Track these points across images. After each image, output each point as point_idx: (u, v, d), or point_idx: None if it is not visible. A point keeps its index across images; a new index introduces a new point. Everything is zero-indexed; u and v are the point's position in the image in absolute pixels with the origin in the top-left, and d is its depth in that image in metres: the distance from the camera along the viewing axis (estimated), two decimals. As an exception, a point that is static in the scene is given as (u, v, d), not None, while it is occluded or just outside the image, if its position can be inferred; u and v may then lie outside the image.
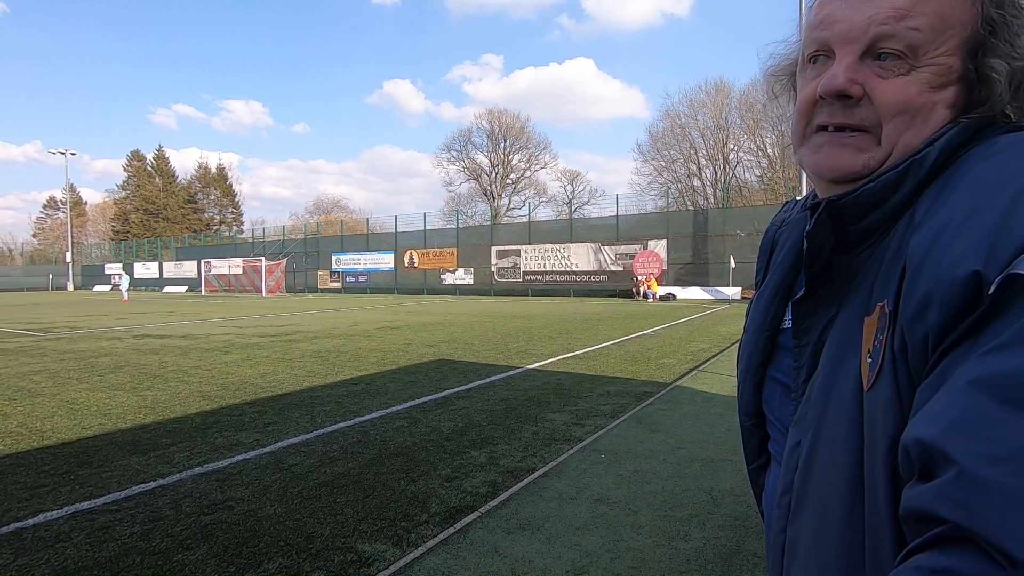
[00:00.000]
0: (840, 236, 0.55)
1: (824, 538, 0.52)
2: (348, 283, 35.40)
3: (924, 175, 0.52)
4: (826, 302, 0.58)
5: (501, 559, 2.42)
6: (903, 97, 0.53)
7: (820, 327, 0.58)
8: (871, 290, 0.52)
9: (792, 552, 0.57)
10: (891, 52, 0.53)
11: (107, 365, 7.45)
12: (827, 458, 0.53)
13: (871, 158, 0.55)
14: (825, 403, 0.54)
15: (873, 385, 0.48)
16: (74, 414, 4.89)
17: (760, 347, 0.70)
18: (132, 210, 60.90)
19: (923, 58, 0.53)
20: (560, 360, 7.63)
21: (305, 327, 12.51)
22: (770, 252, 0.76)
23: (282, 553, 2.47)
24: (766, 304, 0.71)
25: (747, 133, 37.23)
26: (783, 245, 0.73)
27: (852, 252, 0.56)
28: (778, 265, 0.72)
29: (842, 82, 0.55)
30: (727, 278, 22.62)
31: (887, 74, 0.54)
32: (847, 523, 0.50)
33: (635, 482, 3.27)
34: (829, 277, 0.57)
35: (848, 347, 0.53)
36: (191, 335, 11.04)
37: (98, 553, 2.48)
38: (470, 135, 50.77)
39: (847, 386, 0.52)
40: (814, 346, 0.58)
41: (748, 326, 0.74)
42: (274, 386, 5.99)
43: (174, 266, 45.43)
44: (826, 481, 0.52)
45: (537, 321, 13.52)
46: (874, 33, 0.54)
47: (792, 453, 0.58)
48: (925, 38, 0.53)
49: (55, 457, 3.76)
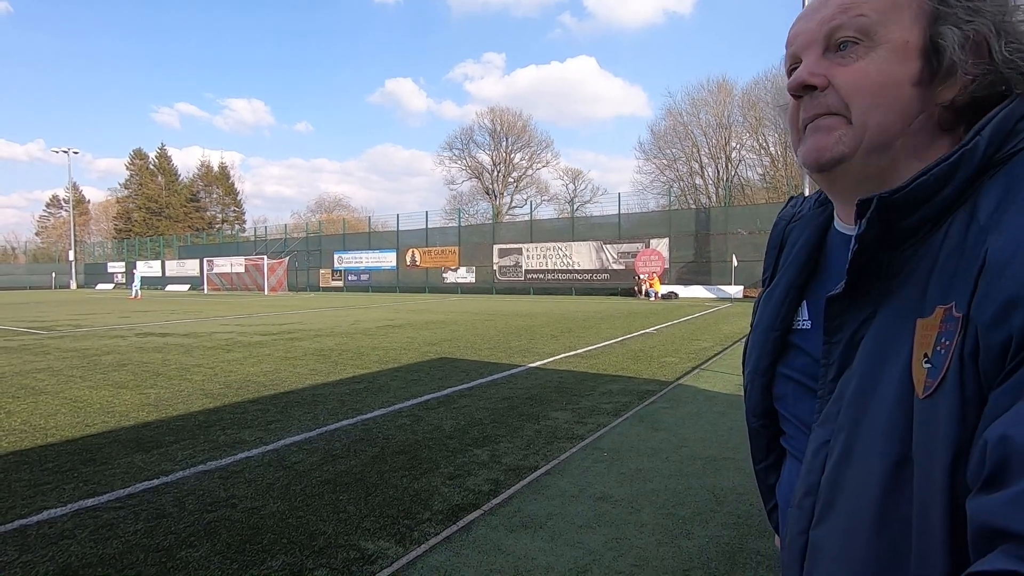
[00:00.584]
0: (885, 233, 0.53)
1: (852, 545, 0.51)
2: (350, 282, 35.43)
3: (977, 165, 0.50)
4: (861, 300, 0.56)
5: (504, 557, 2.43)
6: (861, 78, 0.55)
7: (854, 325, 0.56)
8: (924, 290, 0.50)
9: (815, 557, 0.55)
10: (848, 39, 0.56)
11: (110, 363, 7.47)
12: (862, 464, 0.51)
13: (842, 135, 0.57)
14: (862, 406, 0.52)
15: (933, 392, 0.46)
16: (77, 412, 4.90)
17: (770, 346, 0.69)
18: (135, 209, 61.01)
19: (877, 38, 0.55)
20: (562, 358, 7.63)
21: (307, 325, 12.52)
22: (779, 249, 0.75)
23: (285, 550, 2.48)
24: (777, 303, 0.69)
25: (749, 131, 37.15)
26: (795, 242, 0.71)
27: (895, 249, 0.54)
28: (790, 263, 0.70)
29: (804, 76, 0.58)
30: (729, 277, 22.59)
31: (847, 61, 0.57)
32: (877, 532, 0.49)
33: (637, 480, 3.27)
34: (866, 274, 0.55)
35: (891, 349, 0.51)
36: (194, 333, 11.06)
37: (102, 550, 2.48)
38: (472, 133, 50.85)
39: (890, 390, 0.50)
40: (846, 344, 0.57)
41: (757, 325, 0.73)
42: (276, 384, 6.00)
43: (176, 264, 45.53)
44: (859, 487, 0.51)
45: (539, 320, 13.51)
46: (826, 30, 0.58)
47: (817, 453, 0.57)
48: (874, 20, 0.55)
49: (59, 455, 3.77)
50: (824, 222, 0.69)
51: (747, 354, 0.75)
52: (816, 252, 0.68)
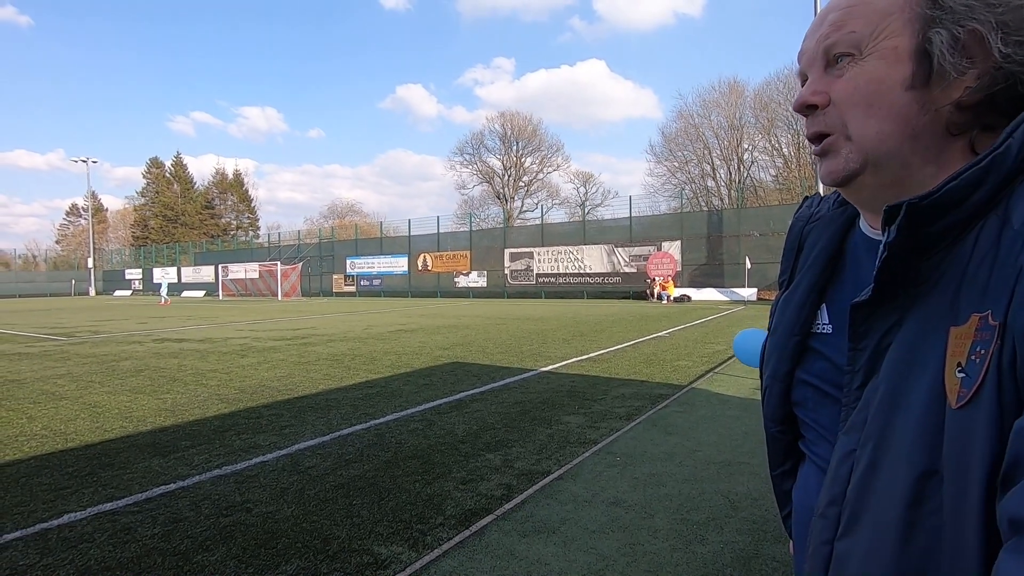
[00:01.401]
0: (914, 240, 0.52)
1: (879, 557, 0.51)
2: (362, 287, 35.66)
3: (1009, 169, 0.49)
4: (887, 307, 0.55)
5: (517, 562, 2.42)
6: (851, 89, 0.57)
7: (880, 333, 0.56)
8: (954, 297, 0.50)
9: (841, 567, 0.55)
10: (842, 54, 0.58)
11: (128, 368, 7.58)
12: (890, 474, 0.51)
13: (848, 154, 0.58)
14: (890, 415, 0.52)
15: (968, 402, 0.45)
16: (96, 417, 4.98)
17: (790, 351, 0.68)
18: (151, 216, 61.98)
19: (867, 49, 0.57)
20: (574, 362, 7.61)
21: (320, 330, 12.62)
22: (797, 251, 0.74)
23: (299, 555, 2.49)
24: (797, 307, 0.69)
25: (762, 132, 36.89)
26: (814, 244, 0.70)
27: (923, 255, 0.53)
28: (809, 266, 0.69)
29: (804, 96, 0.61)
30: (742, 279, 22.39)
31: (841, 73, 0.58)
32: (904, 543, 0.49)
33: (651, 485, 3.25)
34: (893, 281, 0.55)
35: (920, 357, 0.51)
36: (209, 339, 11.19)
37: (120, 554, 2.52)
38: (482, 138, 51.02)
39: (919, 400, 0.49)
40: (872, 352, 0.56)
41: (775, 328, 0.72)
42: (290, 389, 6.05)
43: (192, 271, 46.15)
44: (886, 498, 0.51)
45: (551, 323, 13.49)
46: (823, 47, 0.60)
47: (843, 463, 0.56)
48: (863, 33, 0.57)
49: (78, 459, 3.83)
50: (844, 223, 0.68)
51: (766, 358, 0.74)
52: (837, 254, 0.68)
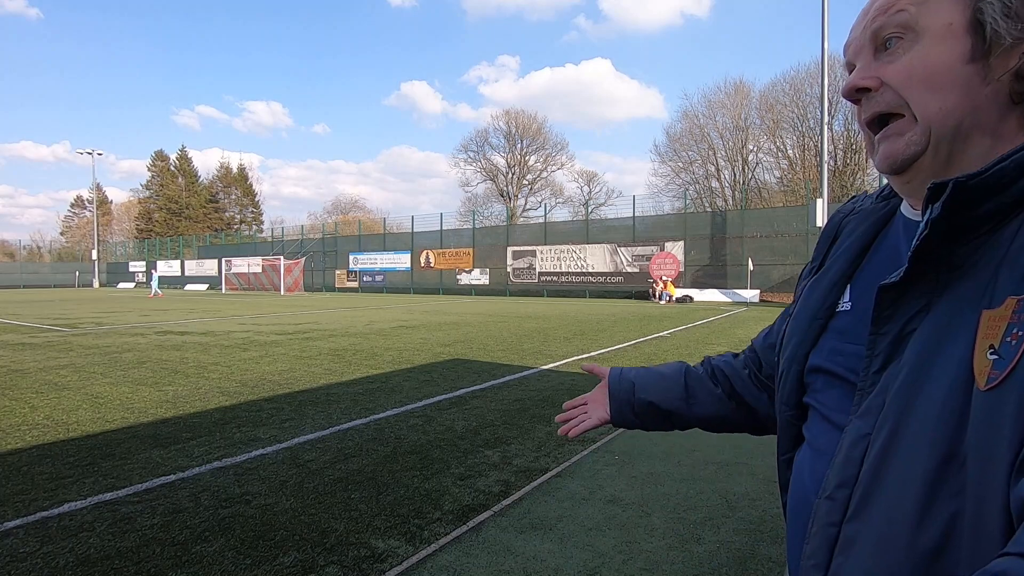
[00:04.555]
0: (956, 220, 0.51)
1: (893, 539, 0.50)
2: (365, 282, 35.69)
3: None
4: (915, 291, 0.55)
5: (513, 558, 2.43)
6: (909, 70, 0.57)
7: (905, 318, 0.55)
8: (990, 283, 0.49)
9: (849, 549, 0.54)
10: (892, 36, 0.58)
11: (130, 360, 7.61)
12: (908, 456, 0.50)
13: (912, 137, 0.58)
14: (911, 398, 0.51)
15: (999, 384, 0.45)
16: (98, 407, 5.00)
17: (812, 335, 0.67)
18: (156, 209, 62.11)
19: (919, 29, 0.56)
20: (575, 361, 7.61)
21: (322, 325, 12.65)
22: (832, 240, 0.74)
23: (297, 547, 2.51)
24: (824, 292, 0.68)
25: (767, 134, 36.73)
26: (850, 233, 0.70)
27: (961, 239, 0.52)
28: (842, 253, 0.69)
29: (854, 80, 0.61)
30: (745, 280, 22.34)
31: (895, 56, 0.58)
32: (920, 525, 0.48)
33: (649, 484, 3.25)
34: (926, 264, 0.54)
35: (948, 341, 0.50)
36: (211, 332, 11.23)
37: (120, 543, 2.54)
38: (487, 136, 50.92)
39: (943, 381, 0.49)
40: (894, 337, 0.55)
41: (799, 312, 0.71)
42: (291, 383, 6.07)
43: (195, 264, 46.23)
44: (904, 480, 0.50)
45: (552, 322, 13.50)
46: (871, 33, 0.60)
47: (856, 445, 0.55)
48: (913, 12, 0.57)
49: (79, 449, 3.86)
50: (884, 216, 0.68)
51: (785, 341, 0.72)
52: (870, 245, 0.68)
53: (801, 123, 34.53)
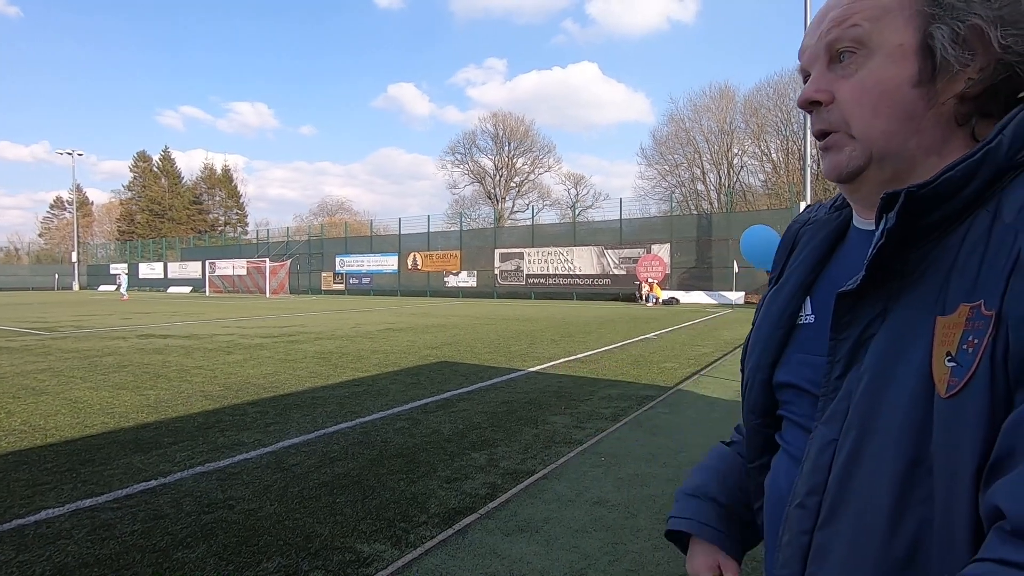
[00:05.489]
0: (909, 228, 0.53)
1: (865, 546, 0.50)
2: (352, 285, 35.48)
3: (1000, 163, 0.50)
4: (872, 298, 0.56)
5: (499, 561, 2.43)
6: (858, 92, 0.57)
7: (863, 323, 0.56)
8: (942, 289, 0.50)
9: (822, 557, 0.54)
10: (846, 50, 0.58)
11: (111, 364, 7.48)
12: (875, 463, 0.51)
13: (852, 151, 0.59)
14: (875, 405, 0.52)
15: (959, 392, 0.46)
16: (77, 412, 4.91)
17: (775, 343, 0.68)
18: (138, 211, 61.22)
19: (872, 45, 0.57)
20: (562, 363, 7.63)
21: (308, 328, 12.54)
22: (790, 250, 0.75)
23: (281, 552, 2.48)
24: (784, 301, 0.69)
25: (752, 138, 37.20)
26: (807, 243, 0.72)
27: (913, 246, 0.54)
28: (800, 263, 0.71)
29: (808, 92, 0.61)
30: (730, 283, 22.56)
31: (848, 72, 0.58)
32: (891, 532, 0.49)
33: (635, 485, 3.27)
34: (881, 271, 0.55)
35: (906, 347, 0.51)
36: (194, 335, 11.08)
37: (99, 550, 2.49)
38: (474, 138, 50.98)
39: (905, 389, 0.49)
40: (854, 342, 0.56)
41: (762, 322, 0.72)
42: (276, 386, 6.01)
43: (179, 267, 45.62)
44: (872, 487, 0.50)
45: (539, 324, 13.51)
46: (825, 43, 0.60)
47: (823, 452, 0.56)
48: (867, 28, 0.57)
49: (58, 455, 3.78)
50: (839, 226, 0.69)
51: (748, 351, 0.74)
52: (827, 254, 0.69)
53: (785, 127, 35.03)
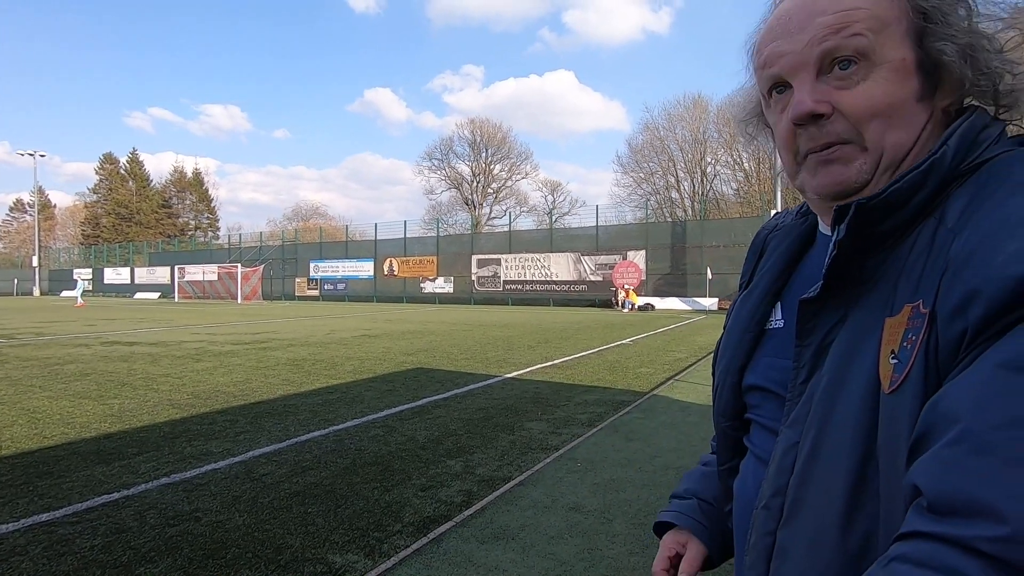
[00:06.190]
0: (862, 238, 0.54)
1: (821, 543, 0.52)
2: (326, 291, 34.99)
3: (945, 173, 0.52)
4: (833, 304, 0.57)
5: (475, 569, 2.40)
6: (869, 101, 0.54)
7: (825, 329, 0.57)
8: (893, 292, 0.52)
9: (783, 556, 0.55)
10: (847, 59, 0.55)
11: (72, 372, 7.22)
12: (829, 461, 0.52)
13: (862, 164, 0.56)
14: (830, 405, 0.53)
15: (898, 387, 0.47)
16: (35, 423, 4.71)
17: (745, 347, 0.69)
18: (103, 214, 59.41)
19: (875, 58, 0.54)
20: (539, 369, 7.63)
21: (281, 335, 12.30)
22: (758, 257, 0.76)
23: (249, 565, 2.41)
24: (753, 306, 0.70)
25: (724, 147, 37.96)
26: (774, 249, 0.73)
27: (868, 254, 0.55)
28: (768, 268, 0.71)
29: (810, 105, 0.56)
30: (704, 289, 22.94)
31: (849, 83, 0.55)
32: (845, 528, 0.50)
33: (611, 491, 3.27)
34: (840, 279, 0.56)
35: (859, 349, 0.52)
36: (162, 342, 10.77)
37: (55, 567, 2.38)
38: (452, 144, 50.90)
39: (857, 387, 0.51)
40: (816, 348, 0.57)
41: (732, 327, 0.73)
42: (247, 394, 5.87)
43: (147, 272, 44.42)
44: (826, 485, 0.52)
45: (516, 330, 13.51)
46: (819, 52, 0.56)
47: (787, 455, 0.57)
48: (870, 40, 0.54)
49: (13, 468, 3.62)
50: (805, 232, 0.70)
51: (719, 355, 0.75)
52: (795, 259, 0.70)
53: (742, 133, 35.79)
